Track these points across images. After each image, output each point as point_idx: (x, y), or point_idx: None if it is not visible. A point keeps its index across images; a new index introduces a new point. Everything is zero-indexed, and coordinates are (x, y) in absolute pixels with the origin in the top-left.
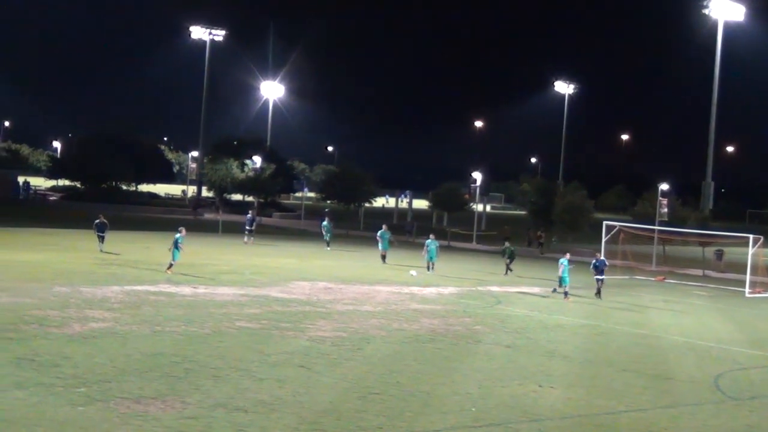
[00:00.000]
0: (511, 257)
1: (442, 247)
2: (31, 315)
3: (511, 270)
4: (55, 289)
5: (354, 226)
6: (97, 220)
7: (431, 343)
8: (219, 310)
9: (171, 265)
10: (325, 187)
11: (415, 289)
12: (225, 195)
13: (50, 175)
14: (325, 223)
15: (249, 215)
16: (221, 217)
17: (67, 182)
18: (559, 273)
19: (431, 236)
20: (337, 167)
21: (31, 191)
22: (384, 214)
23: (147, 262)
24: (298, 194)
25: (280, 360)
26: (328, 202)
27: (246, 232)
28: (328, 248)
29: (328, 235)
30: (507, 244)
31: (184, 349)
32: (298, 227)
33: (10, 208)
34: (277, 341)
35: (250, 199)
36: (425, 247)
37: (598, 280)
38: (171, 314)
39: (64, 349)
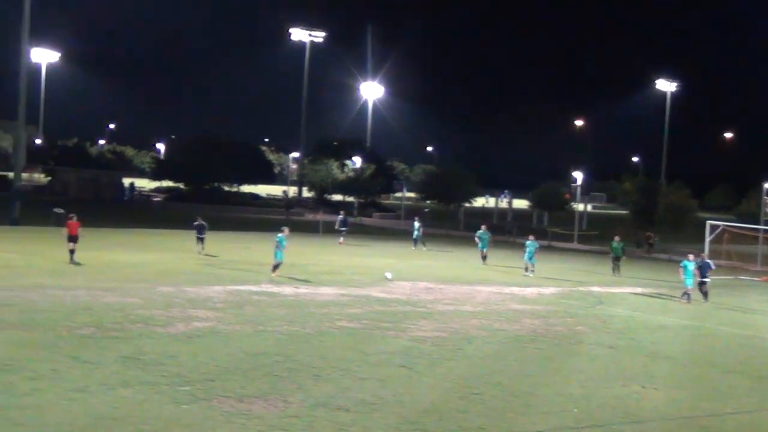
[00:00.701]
0: (619, 256)
1: (542, 248)
2: (136, 314)
3: (618, 270)
4: (159, 289)
5: (454, 226)
6: (196, 222)
7: (532, 344)
8: (320, 309)
9: (276, 267)
10: (424, 187)
11: (515, 290)
12: (325, 195)
13: (154, 176)
14: (416, 224)
15: (341, 216)
16: (321, 217)
17: (170, 183)
18: (681, 275)
19: (531, 237)
20: (436, 167)
21: (136, 192)
22: (484, 214)
23: (248, 262)
24: (398, 194)
25: (381, 360)
26: (428, 202)
27: (339, 233)
28: (425, 248)
29: (417, 233)
30: (616, 241)
31: (286, 348)
32: (398, 227)
33: (116, 209)
34: (377, 341)
35: (350, 199)
36: (526, 249)
37: (702, 282)
38: (273, 314)
39: (168, 348)
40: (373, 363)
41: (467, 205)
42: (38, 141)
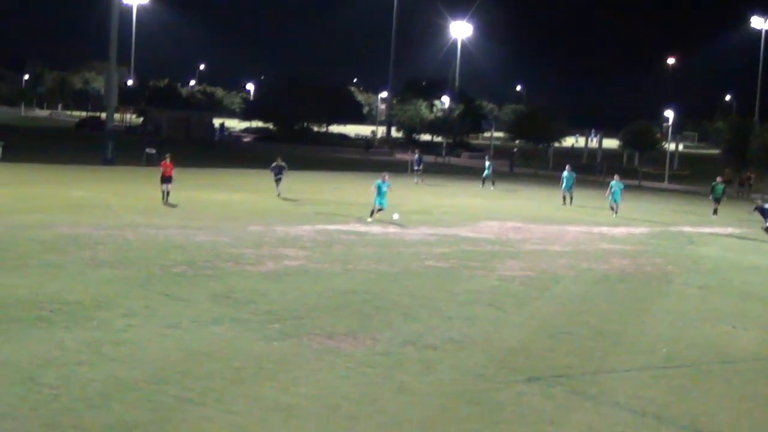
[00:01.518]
0: (719, 197)
1: (633, 187)
2: (227, 253)
3: (716, 211)
4: (249, 228)
5: (543, 166)
6: (275, 163)
7: (621, 284)
8: (408, 249)
9: (373, 212)
10: (513, 127)
11: (604, 229)
12: (414, 135)
13: (243, 117)
14: (487, 162)
15: (416, 155)
16: (411, 157)
17: (259, 124)
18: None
19: (616, 177)
20: (525, 106)
21: (226, 133)
22: (573, 154)
23: (338, 202)
24: (487, 134)
25: (469, 299)
26: (517, 141)
27: (415, 172)
28: (492, 187)
29: (487, 172)
30: (718, 182)
31: (375, 287)
32: None
33: (207, 149)
34: (466, 280)
35: (438, 139)
36: (609, 189)
37: None
38: (362, 253)
39: (258, 286)
40: (461, 302)
41: (556, 144)
42: (130, 82)
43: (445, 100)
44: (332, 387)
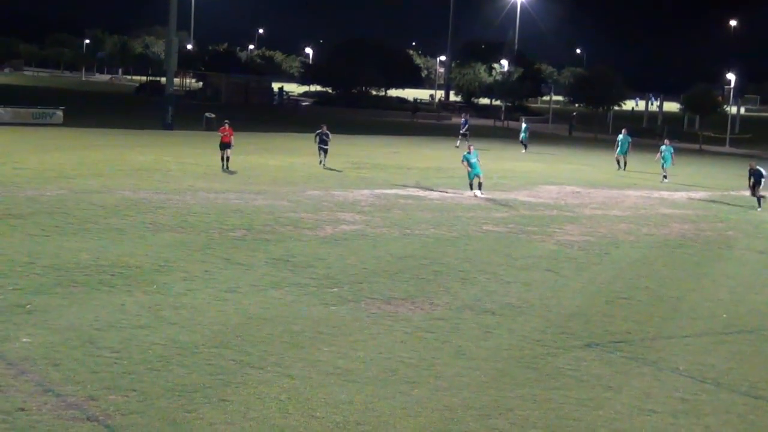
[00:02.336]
0: None
1: (693, 152)
2: (286, 217)
3: None
4: (308, 192)
5: (602, 130)
6: (319, 130)
7: (681, 249)
8: (466, 213)
9: (472, 185)
10: (572, 91)
11: (665, 194)
12: (473, 99)
13: (302, 81)
14: (523, 125)
15: (463, 118)
16: (469, 121)
17: (318, 88)
18: None
19: (666, 141)
20: (585, 70)
21: (285, 97)
22: (634, 117)
23: (396, 166)
24: (546, 98)
25: (527, 263)
26: (576, 105)
27: (459, 137)
28: (524, 150)
29: (524, 135)
30: None
31: (433, 251)
32: (546, 131)
33: (266, 113)
34: (524, 245)
35: (497, 103)
36: (659, 153)
37: None
38: (420, 217)
39: (317, 250)
40: (519, 267)
41: (616, 108)
42: (189, 47)
43: (504, 63)
44: (390, 351)
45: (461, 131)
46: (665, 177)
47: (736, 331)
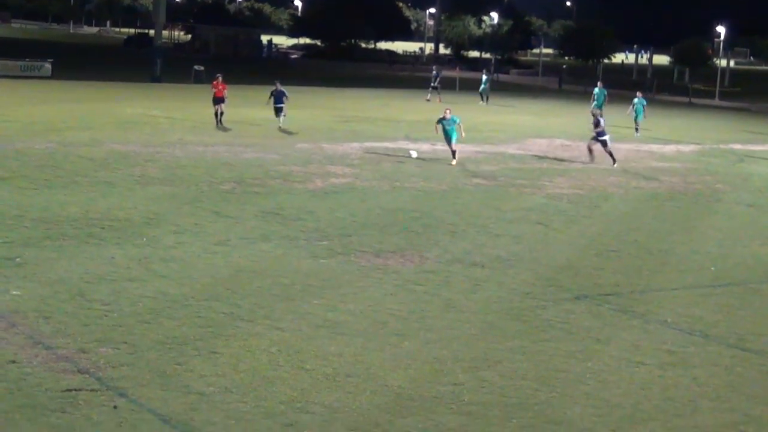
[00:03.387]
0: None
1: (683, 105)
2: (275, 170)
3: None
4: (297, 145)
5: (592, 83)
6: (274, 88)
7: (670, 201)
8: (456, 167)
9: (454, 152)
10: (562, 43)
11: (654, 147)
12: (462, 52)
13: (291, 33)
14: (484, 77)
15: (434, 71)
16: (458, 74)
17: (307, 40)
18: None
19: (639, 94)
20: (575, 22)
21: (274, 50)
22: (623, 70)
23: (385, 119)
24: (536, 51)
25: (517, 216)
26: (566, 58)
27: (430, 89)
28: (483, 102)
29: (483, 87)
30: None
31: (422, 204)
32: (536, 84)
33: (255, 66)
34: (513, 198)
35: (487, 56)
36: (632, 106)
37: None
38: (409, 171)
39: (306, 203)
40: (508, 220)
41: (606, 61)
42: None
43: (494, 16)
44: (380, 304)
45: (432, 84)
46: (636, 130)
47: (724, 284)
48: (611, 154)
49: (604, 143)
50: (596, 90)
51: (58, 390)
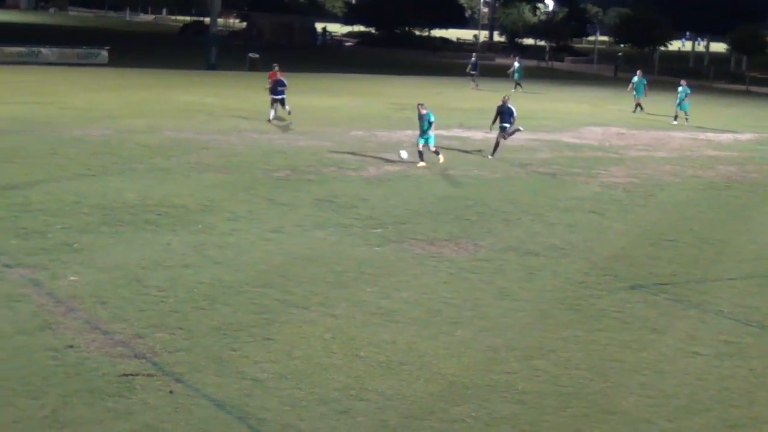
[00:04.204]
0: None
1: (740, 93)
2: (329, 158)
3: None
4: (351, 133)
5: (648, 71)
6: (274, 78)
7: (727, 191)
8: (510, 154)
9: (421, 153)
10: (618, 31)
11: (711, 135)
12: (516, 39)
13: (346, 21)
14: (516, 64)
15: (473, 59)
16: (513, 61)
17: (361, 28)
18: None
19: (682, 82)
20: (631, 10)
21: (328, 37)
22: (680, 58)
23: (439, 107)
24: (591, 38)
25: (571, 205)
26: (622, 46)
27: (472, 77)
28: (516, 89)
29: (517, 74)
30: None
31: (476, 192)
32: (591, 72)
33: (309, 54)
34: (568, 186)
35: (541, 43)
36: (677, 95)
37: None
38: (463, 158)
39: (360, 191)
40: (563, 208)
41: (662, 48)
42: None
43: (549, 3)
44: (433, 292)
45: (470, 71)
46: (675, 117)
47: None
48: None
49: (503, 129)
50: (635, 79)
51: (115, 375)
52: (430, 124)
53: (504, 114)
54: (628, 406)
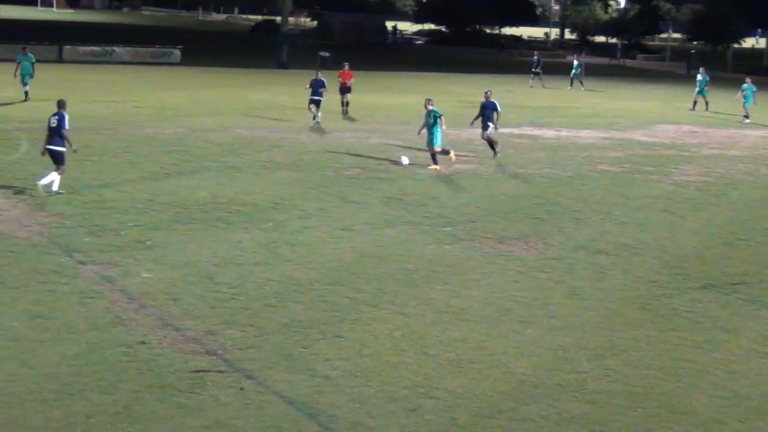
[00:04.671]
0: None
1: None
2: (399, 156)
3: None
4: (423, 131)
5: (722, 68)
6: (314, 78)
7: None
8: (581, 153)
9: (434, 155)
10: (691, 28)
11: None
12: (588, 37)
13: (416, 19)
14: (575, 62)
15: (535, 56)
16: (584, 59)
17: (432, 26)
18: None
19: (747, 80)
20: (704, 6)
21: (398, 35)
22: (753, 55)
23: (510, 105)
24: (663, 35)
25: (643, 204)
26: (694, 43)
27: (532, 75)
28: (582, 88)
29: (575, 71)
30: None
31: (547, 191)
32: (663, 70)
33: (379, 52)
34: (639, 185)
35: (613, 41)
36: (741, 92)
37: None
38: (534, 157)
39: (430, 189)
40: (634, 207)
41: (736, 46)
42: None
43: (621, 0)
44: (503, 290)
45: (533, 70)
46: (746, 117)
47: None
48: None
49: (485, 128)
50: (699, 76)
51: (187, 371)
52: (436, 120)
53: (486, 109)
54: (699, 407)
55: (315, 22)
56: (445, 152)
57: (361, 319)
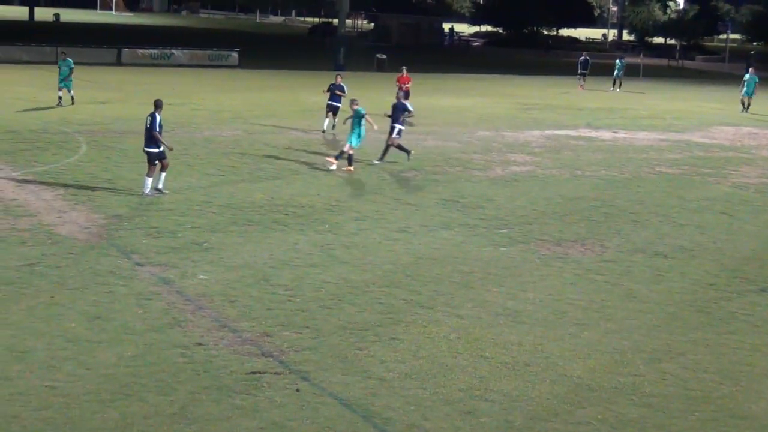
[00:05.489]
0: None
1: None
2: (455, 158)
3: None
4: (478, 133)
5: None
6: (333, 82)
7: None
8: (638, 155)
9: (343, 153)
10: (751, 29)
11: None
12: (646, 38)
13: (473, 21)
14: (618, 62)
15: (582, 57)
16: (642, 61)
17: (489, 28)
18: None
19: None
20: (764, 7)
21: (455, 37)
22: None
23: (566, 107)
24: (722, 36)
25: (701, 206)
26: (755, 44)
27: (579, 76)
28: (618, 89)
29: (617, 72)
30: None
31: (604, 193)
32: (722, 71)
33: (436, 54)
34: (697, 187)
35: (672, 42)
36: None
37: None
38: (591, 159)
39: (486, 191)
40: (692, 209)
41: None
42: None
43: (680, 0)
44: (560, 293)
45: (580, 71)
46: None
47: None
48: (400, 148)
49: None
50: (747, 76)
51: (243, 372)
52: (360, 120)
53: (397, 110)
54: (758, 411)
55: (372, 24)
56: (347, 159)
57: (417, 321)
